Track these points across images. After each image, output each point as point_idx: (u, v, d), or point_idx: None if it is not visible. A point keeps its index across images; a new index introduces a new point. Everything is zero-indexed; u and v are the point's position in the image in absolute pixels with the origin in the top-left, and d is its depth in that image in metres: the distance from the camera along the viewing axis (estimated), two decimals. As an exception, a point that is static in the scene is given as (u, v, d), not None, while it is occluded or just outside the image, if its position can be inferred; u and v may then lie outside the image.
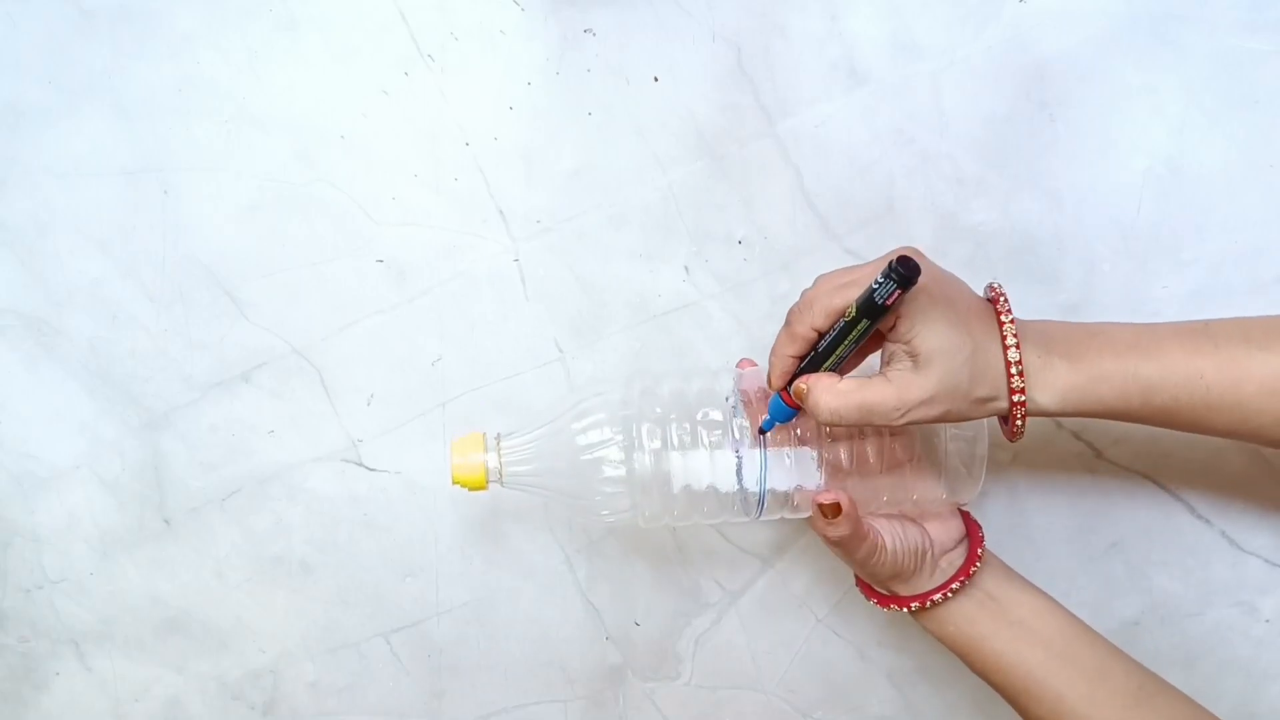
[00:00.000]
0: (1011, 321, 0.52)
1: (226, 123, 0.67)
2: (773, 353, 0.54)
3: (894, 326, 0.51)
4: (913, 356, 0.50)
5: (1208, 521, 0.67)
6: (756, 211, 0.66)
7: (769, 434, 0.56)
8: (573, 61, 0.65)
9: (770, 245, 0.66)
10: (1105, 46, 0.62)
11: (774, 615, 0.72)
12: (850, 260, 0.66)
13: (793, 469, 0.56)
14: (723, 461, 0.56)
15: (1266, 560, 0.67)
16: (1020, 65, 0.63)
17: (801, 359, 0.53)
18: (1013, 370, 0.51)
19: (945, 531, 0.58)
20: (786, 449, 0.56)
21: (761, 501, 0.57)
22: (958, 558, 0.58)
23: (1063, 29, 0.62)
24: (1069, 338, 0.53)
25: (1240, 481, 0.66)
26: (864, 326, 0.50)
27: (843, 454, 0.57)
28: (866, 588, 0.60)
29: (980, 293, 0.55)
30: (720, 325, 0.68)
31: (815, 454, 0.56)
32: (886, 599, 0.58)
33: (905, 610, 0.57)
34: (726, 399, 0.57)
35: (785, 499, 0.57)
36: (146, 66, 0.67)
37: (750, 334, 0.68)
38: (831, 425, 0.52)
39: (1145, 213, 0.64)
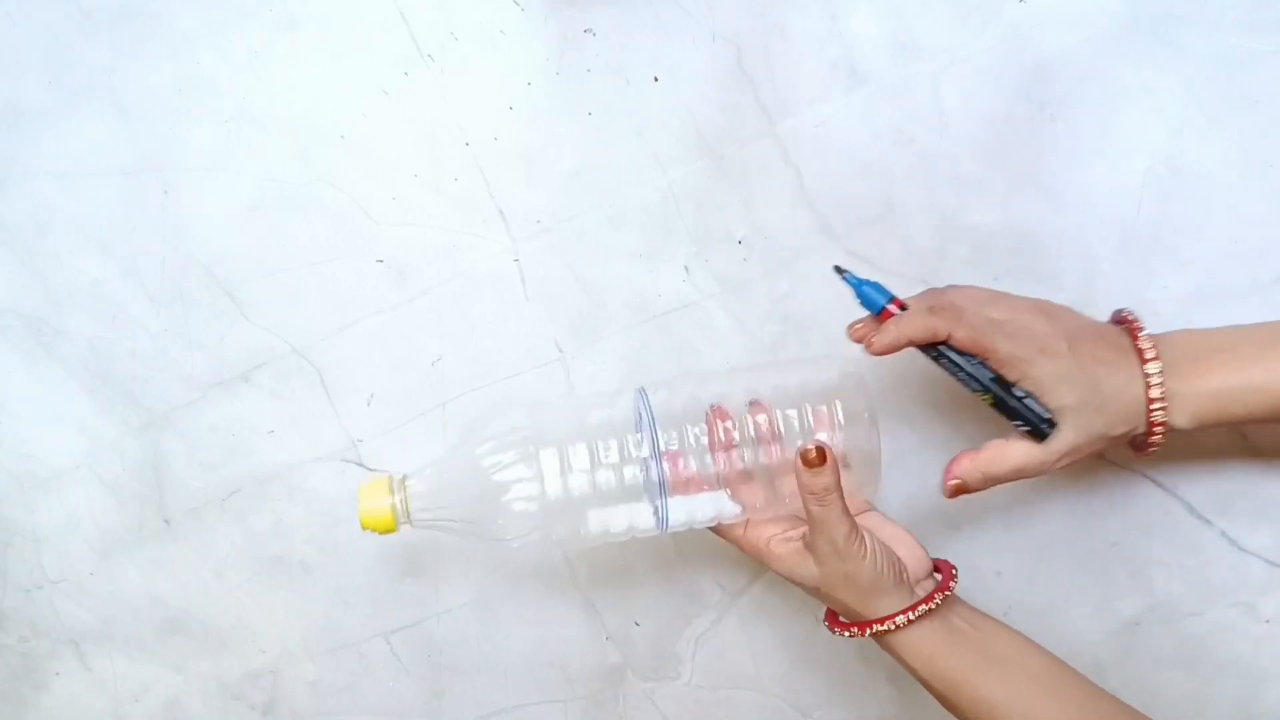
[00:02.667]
0: (1153, 348, 0.54)
1: (226, 123, 0.67)
2: (897, 322, 0.56)
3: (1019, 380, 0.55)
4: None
5: (1208, 521, 0.67)
6: (756, 211, 0.66)
7: (663, 448, 0.56)
8: (573, 61, 0.65)
9: (770, 245, 0.66)
10: (1105, 46, 0.62)
11: (774, 615, 0.72)
12: (850, 261, 0.66)
13: (694, 498, 0.57)
14: (625, 481, 0.56)
15: (1266, 560, 0.67)
16: (1020, 65, 0.63)
17: (910, 345, 0.56)
18: (1154, 407, 0.54)
19: (915, 560, 0.57)
20: (686, 463, 0.56)
21: (665, 516, 0.57)
22: (930, 585, 0.57)
23: (1063, 29, 0.63)
24: (1194, 355, 0.55)
25: (1240, 481, 0.66)
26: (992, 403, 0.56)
27: (741, 465, 0.56)
28: (841, 624, 0.58)
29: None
30: (720, 325, 0.68)
31: (715, 473, 0.56)
32: (865, 625, 0.56)
33: (888, 626, 0.55)
34: (630, 410, 0.57)
35: (688, 511, 0.57)
36: (146, 66, 0.67)
37: (750, 334, 0.68)
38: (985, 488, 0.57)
39: (1145, 213, 0.64)
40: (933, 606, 0.55)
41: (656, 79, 0.65)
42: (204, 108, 0.67)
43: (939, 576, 0.58)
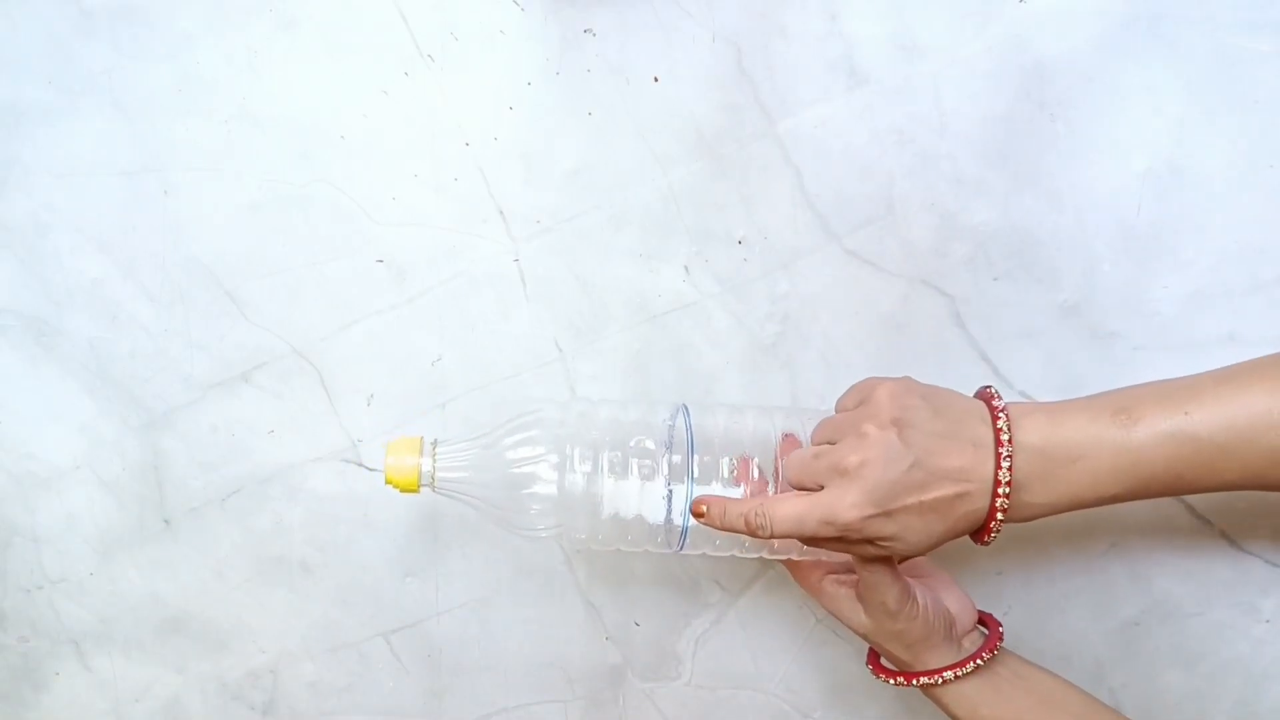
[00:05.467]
0: (1009, 438, 0.51)
1: (226, 123, 0.67)
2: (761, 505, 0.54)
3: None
4: (841, 474, 0.51)
5: (1208, 521, 0.67)
6: (756, 211, 0.66)
7: (697, 473, 0.56)
8: (573, 61, 0.65)
9: (770, 245, 0.66)
10: (1105, 46, 0.62)
11: (774, 615, 0.72)
12: (850, 261, 0.66)
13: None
14: (651, 493, 0.56)
15: (1266, 560, 0.67)
16: (1020, 65, 0.63)
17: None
18: (1000, 489, 0.51)
19: (964, 612, 0.58)
20: (716, 487, 0.56)
21: (684, 536, 0.57)
22: (978, 638, 0.58)
23: (1063, 29, 0.63)
24: (1045, 449, 0.51)
25: (1240, 481, 0.66)
26: None
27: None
28: (886, 671, 0.59)
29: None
30: (720, 325, 0.68)
31: (744, 493, 0.56)
32: (912, 675, 0.57)
33: (935, 680, 0.56)
34: (667, 425, 0.58)
35: (709, 536, 0.57)
36: (146, 66, 0.67)
37: (750, 334, 0.68)
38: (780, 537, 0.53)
39: (1145, 213, 0.64)
40: (980, 664, 0.56)
41: (656, 79, 0.65)
42: (204, 108, 0.67)
43: (984, 629, 0.59)
